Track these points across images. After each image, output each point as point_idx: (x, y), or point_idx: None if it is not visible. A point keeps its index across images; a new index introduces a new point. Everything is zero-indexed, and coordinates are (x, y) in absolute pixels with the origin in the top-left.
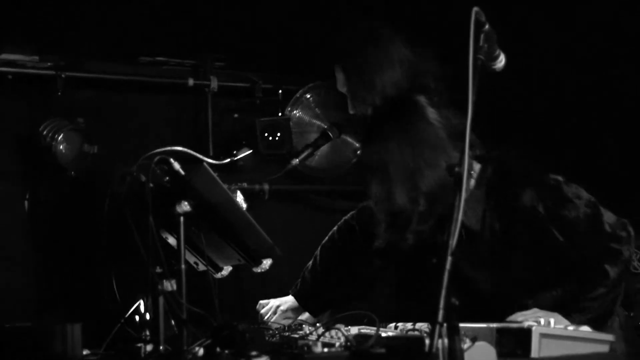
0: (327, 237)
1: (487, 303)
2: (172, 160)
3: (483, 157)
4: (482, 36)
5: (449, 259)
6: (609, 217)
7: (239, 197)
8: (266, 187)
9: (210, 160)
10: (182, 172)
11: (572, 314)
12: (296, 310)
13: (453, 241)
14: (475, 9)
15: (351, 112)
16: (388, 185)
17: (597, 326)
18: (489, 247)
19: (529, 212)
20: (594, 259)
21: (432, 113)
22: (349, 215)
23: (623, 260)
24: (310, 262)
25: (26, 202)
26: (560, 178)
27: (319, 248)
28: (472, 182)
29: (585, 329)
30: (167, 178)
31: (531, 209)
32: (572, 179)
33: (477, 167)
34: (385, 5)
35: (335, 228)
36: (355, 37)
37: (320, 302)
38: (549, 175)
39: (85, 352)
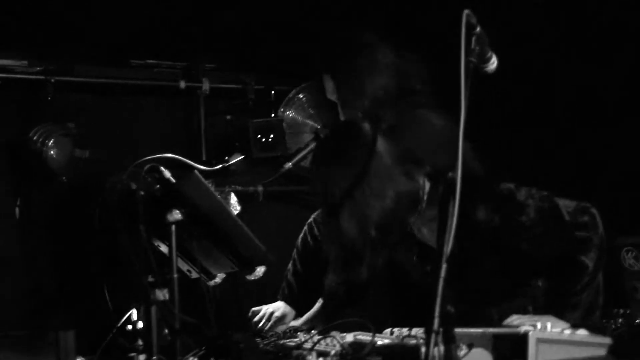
0: (299, 239)
1: None
2: (162, 168)
3: (433, 175)
4: (473, 39)
5: (444, 266)
6: (566, 204)
7: (233, 200)
8: (260, 188)
9: (201, 167)
10: (173, 180)
11: (564, 312)
12: (290, 316)
13: (448, 248)
14: (466, 11)
15: (342, 118)
16: (336, 219)
17: (588, 318)
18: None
19: (485, 225)
20: (564, 253)
21: (377, 141)
22: (315, 213)
23: (594, 245)
24: (291, 266)
25: (17, 208)
26: (511, 185)
27: (295, 250)
28: (424, 201)
29: (582, 332)
30: (158, 186)
31: (487, 222)
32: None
33: (427, 185)
34: (372, 7)
35: (305, 228)
36: (342, 45)
37: (309, 303)
38: (499, 186)
39: (78, 359)
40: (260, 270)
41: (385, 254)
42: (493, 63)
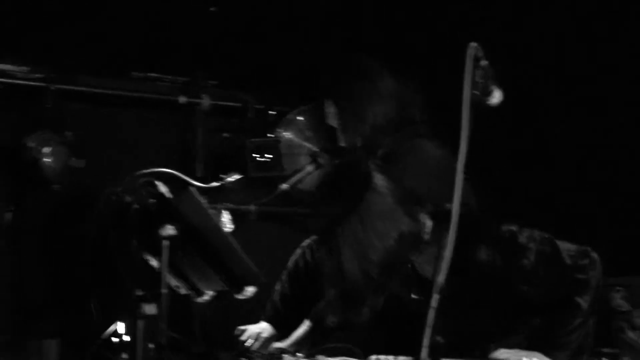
0: (291, 261)
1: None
2: (158, 182)
3: (435, 214)
4: (479, 71)
5: (436, 296)
6: (567, 248)
7: (226, 218)
8: (253, 208)
9: (197, 184)
10: (168, 195)
11: (552, 352)
12: (275, 337)
13: (441, 278)
14: (472, 44)
15: (342, 144)
16: (338, 260)
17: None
18: (446, 301)
19: (486, 266)
20: (562, 294)
21: (380, 180)
22: (311, 238)
23: (592, 287)
24: (279, 287)
25: (10, 214)
26: (513, 228)
27: (286, 272)
28: (427, 238)
29: None
30: (153, 200)
31: (488, 263)
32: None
33: (429, 223)
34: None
35: (298, 251)
36: (345, 71)
37: (294, 327)
38: (501, 228)
39: None
40: (250, 289)
41: (385, 294)
42: (496, 97)
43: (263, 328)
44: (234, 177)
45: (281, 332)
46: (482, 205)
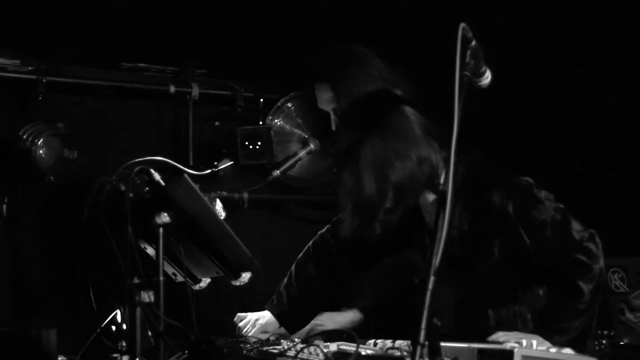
0: (302, 253)
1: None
2: (152, 170)
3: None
4: (468, 52)
5: (432, 278)
6: (576, 226)
7: (218, 206)
8: (245, 195)
9: (191, 171)
10: (163, 183)
11: (552, 335)
12: (274, 325)
13: (436, 260)
14: (462, 25)
15: (335, 129)
16: (357, 174)
17: (578, 345)
18: (455, 250)
19: (498, 210)
20: (564, 272)
21: (409, 108)
22: (324, 229)
23: (595, 275)
24: (286, 279)
25: (4, 206)
26: (531, 180)
27: (294, 264)
28: (440, 179)
29: (568, 351)
30: (147, 188)
31: (500, 207)
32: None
33: (442, 165)
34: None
35: (310, 243)
36: (339, 56)
37: (296, 319)
38: (519, 177)
39: (60, 358)
40: (245, 276)
41: (399, 215)
42: (487, 77)
43: (262, 315)
44: (226, 164)
45: (282, 322)
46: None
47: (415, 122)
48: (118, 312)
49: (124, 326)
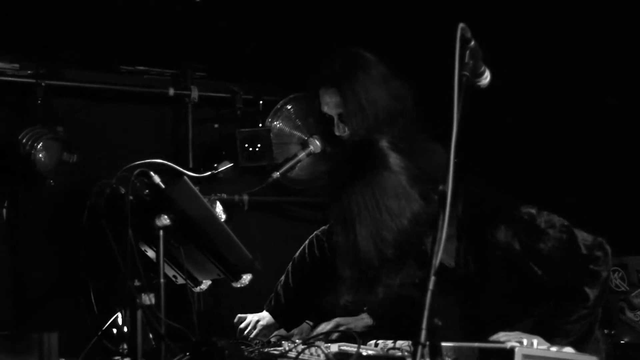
0: (298, 252)
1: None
2: (152, 173)
3: (453, 193)
4: (467, 52)
5: (432, 279)
6: (584, 237)
7: (218, 208)
8: (245, 198)
9: (191, 174)
10: (163, 186)
11: (553, 337)
12: (275, 326)
13: (436, 261)
14: (461, 25)
15: (338, 133)
16: (353, 237)
17: (578, 347)
18: (461, 284)
19: (504, 248)
20: (573, 282)
21: (394, 159)
22: (319, 230)
23: (602, 281)
24: (283, 278)
25: (4, 210)
26: (532, 210)
27: (290, 263)
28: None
29: (569, 350)
30: (147, 191)
31: (506, 244)
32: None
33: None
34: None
35: (306, 243)
36: (345, 61)
37: (293, 318)
38: (520, 209)
39: None
40: (246, 277)
41: (401, 274)
42: (486, 77)
43: (262, 316)
44: (226, 166)
45: (281, 323)
46: (500, 190)
47: (402, 172)
48: (119, 314)
49: (125, 329)
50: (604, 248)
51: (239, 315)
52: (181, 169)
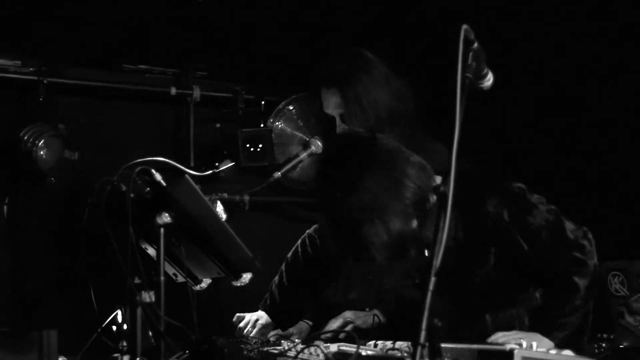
0: (291, 252)
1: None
2: (153, 171)
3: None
4: (470, 54)
5: (433, 279)
6: (569, 225)
7: (219, 208)
8: (246, 197)
9: (192, 172)
10: (164, 184)
11: (551, 331)
12: (272, 325)
13: (437, 262)
14: (464, 26)
15: (339, 135)
16: (381, 220)
17: (575, 344)
18: (451, 259)
19: (493, 218)
20: (560, 271)
21: (390, 151)
22: (311, 228)
23: (590, 271)
24: (277, 277)
25: (5, 207)
26: (523, 186)
27: (284, 262)
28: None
29: (568, 352)
30: (148, 189)
31: (496, 215)
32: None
33: (438, 179)
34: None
35: (299, 242)
36: (348, 61)
37: (289, 317)
38: (511, 183)
39: (61, 358)
40: (246, 276)
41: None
42: (489, 79)
43: (261, 315)
44: (227, 164)
45: (276, 322)
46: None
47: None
48: (119, 312)
49: (125, 326)
50: (588, 237)
51: (237, 314)
52: (183, 167)
